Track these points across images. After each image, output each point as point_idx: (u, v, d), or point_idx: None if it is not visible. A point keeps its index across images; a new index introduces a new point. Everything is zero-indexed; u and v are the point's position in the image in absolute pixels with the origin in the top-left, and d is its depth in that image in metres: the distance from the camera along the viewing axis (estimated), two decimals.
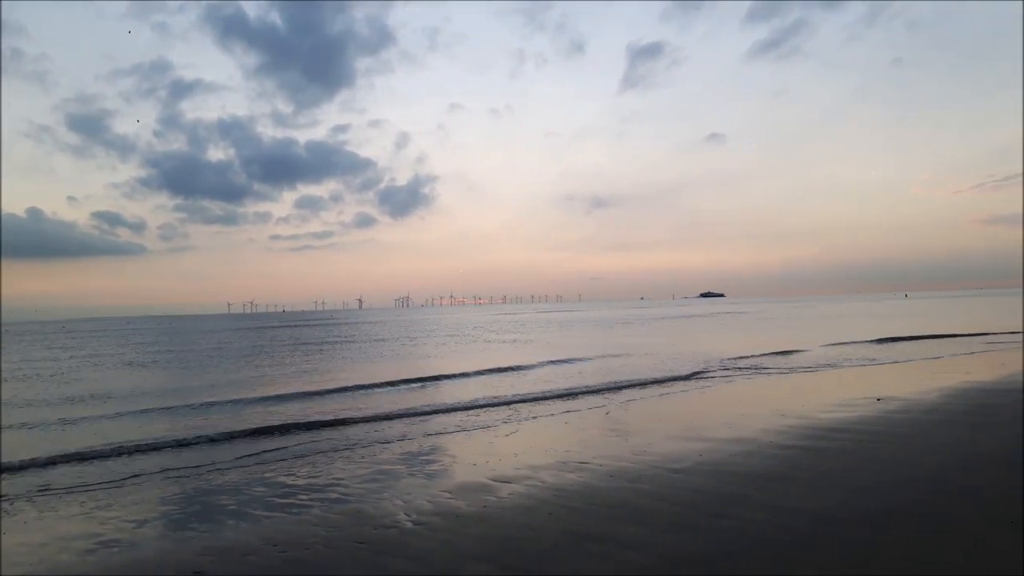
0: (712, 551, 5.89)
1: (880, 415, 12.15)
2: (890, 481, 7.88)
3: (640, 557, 5.83)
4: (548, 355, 30.19)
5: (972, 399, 13.46)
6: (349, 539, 6.77)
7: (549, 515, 7.19)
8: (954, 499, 7.05)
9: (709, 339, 39.71)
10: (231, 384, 22.83)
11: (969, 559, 5.42)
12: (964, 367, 19.71)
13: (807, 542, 5.99)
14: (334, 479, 9.39)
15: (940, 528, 6.16)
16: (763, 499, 7.40)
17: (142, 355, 41.14)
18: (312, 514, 7.75)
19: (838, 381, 18.42)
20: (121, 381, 25.66)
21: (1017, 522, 5.97)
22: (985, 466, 8.31)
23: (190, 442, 12.65)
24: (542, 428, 12.82)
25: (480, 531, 6.78)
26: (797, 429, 11.21)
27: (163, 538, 7.26)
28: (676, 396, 16.55)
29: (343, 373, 25.53)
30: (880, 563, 5.43)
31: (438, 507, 7.70)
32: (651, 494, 7.82)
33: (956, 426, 10.92)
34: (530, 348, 36.42)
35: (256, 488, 9.15)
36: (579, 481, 8.56)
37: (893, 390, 15.23)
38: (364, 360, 31.90)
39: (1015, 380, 15.97)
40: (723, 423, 12.16)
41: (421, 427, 13.41)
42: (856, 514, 6.70)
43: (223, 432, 13.37)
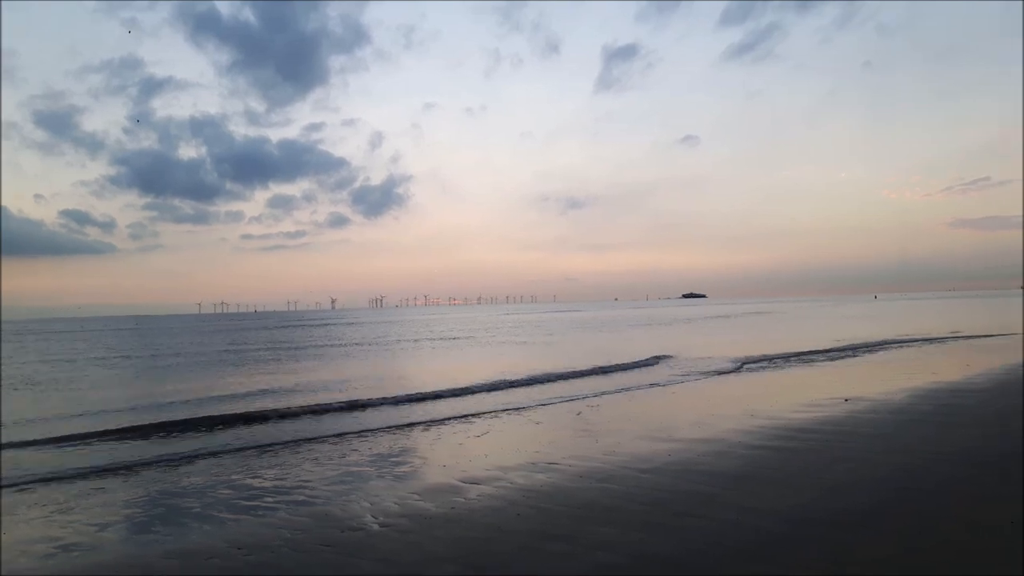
0: (680, 551, 5.89)
1: (848, 415, 12.27)
2: (858, 481, 7.95)
3: (608, 557, 5.82)
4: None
5: (939, 399, 13.63)
6: (315, 541, 6.68)
7: (518, 516, 7.16)
8: (921, 499, 7.12)
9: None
10: (172, 402, 22.51)
11: (936, 558, 5.48)
12: (931, 368, 19.99)
13: (775, 541, 6.01)
14: (301, 481, 9.28)
15: (907, 528, 6.22)
16: (731, 499, 7.42)
17: (96, 357, 40.47)
18: (278, 516, 7.65)
19: (807, 381, 18.61)
20: (80, 383, 25.22)
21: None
22: (952, 466, 8.41)
23: (151, 441, 12.44)
24: (513, 429, 12.79)
25: (448, 532, 6.73)
26: (766, 429, 11.28)
27: (125, 541, 7.12)
28: (647, 396, 16.61)
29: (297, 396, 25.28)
30: (848, 563, 5.46)
31: (406, 509, 7.64)
32: (620, 494, 7.82)
33: (923, 426, 11.05)
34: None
35: (221, 490, 9.01)
36: (548, 482, 8.54)
37: (861, 390, 15.40)
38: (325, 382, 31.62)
39: (980, 380, 16.22)
40: (693, 423, 12.21)
41: (389, 429, 13.32)
42: (824, 514, 6.74)
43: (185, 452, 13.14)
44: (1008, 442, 9.51)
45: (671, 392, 17.31)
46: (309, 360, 33.00)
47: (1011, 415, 11.57)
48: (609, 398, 16.47)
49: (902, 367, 20.99)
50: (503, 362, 28.82)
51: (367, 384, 21.60)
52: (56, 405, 18.60)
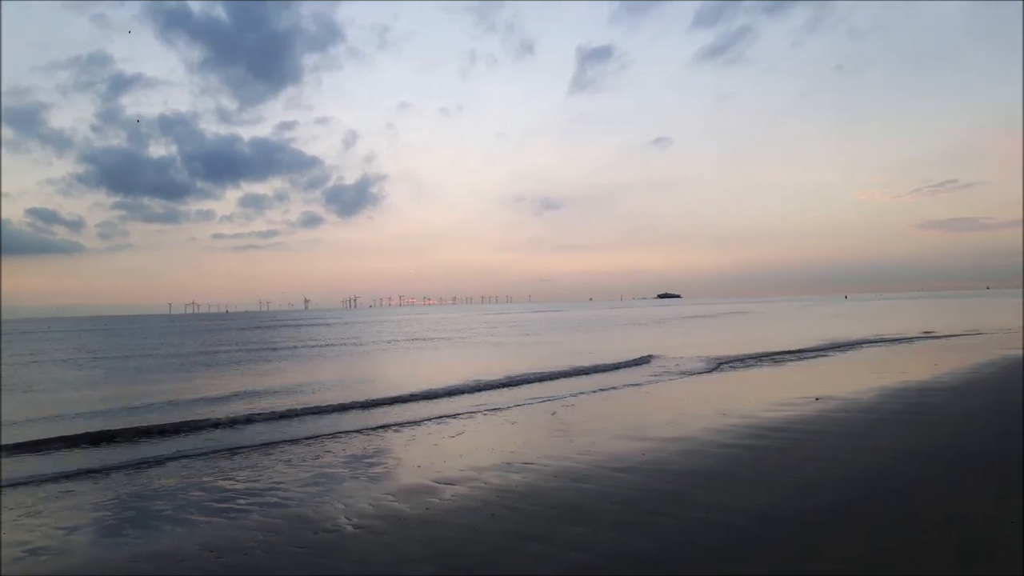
0: (653, 549, 5.93)
1: (818, 414, 12.42)
2: (827, 479, 8.05)
3: (581, 556, 5.85)
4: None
5: (907, 398, 13.84)
6: (288, 543, 6.64)
7: (492, 516, 7.17)
8: (889, 497, 7.23)
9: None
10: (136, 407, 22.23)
11: (903, 556, 5.56)
12: (900, 367, 20.29)
13: (746, 540, 6.07)
14: (274, 483, 9.21)
15: (875, 526, 6.31)
16: (704, 497, 7.49)
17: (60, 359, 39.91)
18: (251, 518, 7.59)
19: (779, 381, 18.82)
20: (46, 385, 24.85)
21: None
22: (920, 464, 8.54)
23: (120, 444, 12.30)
24: (488, 429, 12.79)
25: (422, 533, 6.72)
26: (738, 428, 11.39)
27: (94, 545, 7.03)
28: (622, 396, 16.70)
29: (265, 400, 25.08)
30: (817, 561, 5.53)
31: (380, 510, 7.62)
32: (594, 493, 7.86)
33: (892, 425, 11.21)
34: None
35: (193, 492, 8.92)
36: (523, 482, 8.56)
37: (831, 389, 15.60)
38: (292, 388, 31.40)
39: (947, 380, 16.49)
40: (667, 422, 12.30)
41: (365, 426, 13.26)
42: (794, 512, 6.82)
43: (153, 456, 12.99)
44: (975, 441, 9.69)
45: (646, 392, 17.42)
46: (281, 362, 32.78)
47: (978, 414, 11.79)
48: (585, 398, 16.54)
49: (872, 366, 21.30)
50: (479, 363, 28.89)
51: (341, 386, 21.52)
52: (22, 408, 18.30)
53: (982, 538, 5.85)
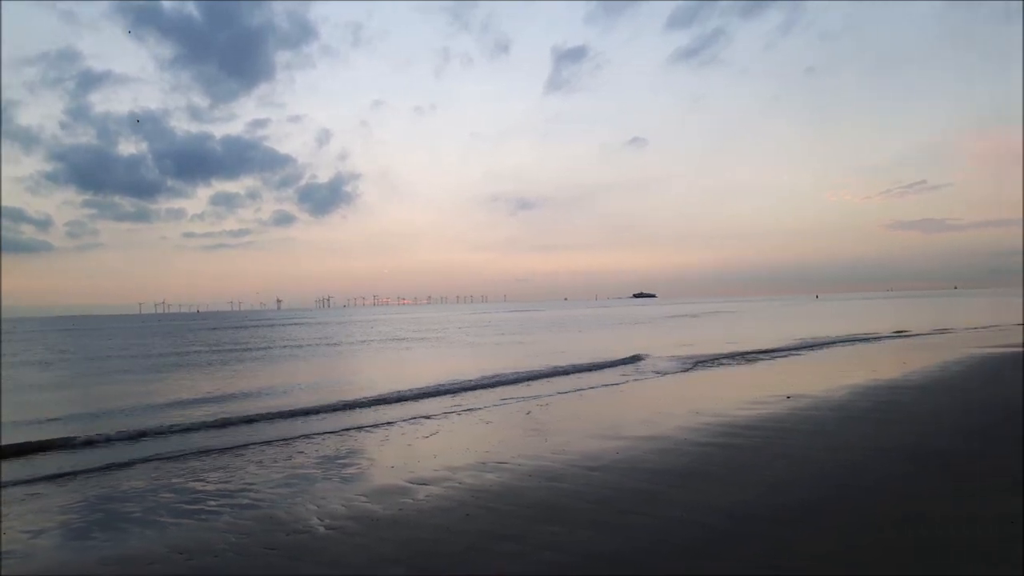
0: (627, 548, 5.94)
1: (790, 412, 12.53)
2: (799, 477, 8.12)
3: (556, 556, 5.84)
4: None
5: (877, 396, 14.00)
6: (260, 545, 6.57)
7: (466, 516, 7.14)
8: (859, 495, 7.30)
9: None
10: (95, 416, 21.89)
11: (872, 553, 5.62)
12: (871, 365, 20.55)
13: (719, 538, 6.10)
14: (245, 484, 9.11)
15: (845, 523, 6.37)
16: (678, 496, 7.52)
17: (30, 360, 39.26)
18: (222, 520, 7.49)
19: (751, 379, 18.99)
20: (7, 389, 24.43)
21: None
22: (889, 462, 8.63)
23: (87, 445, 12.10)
24: (463, 429, 12.75)
25: (395, 534, 6.68)
26: (712, 426, 11.46)
27: (61, 548, 6.90)
28: (597, 395, 16.74)
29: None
30: (788, 558, 5.57)
31: (353, 511, 7.56)
32: (569, 493, 7.86)
33: (863, 422, 11.34)
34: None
35: (163, 494, 8.80)
36: (498, 481, 8.54)
37: (803, 388, 15.75)
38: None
39: (916, 378, 16.71)
40: (641, 421, 12.35)
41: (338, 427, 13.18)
42: (766, 510, 6.87)
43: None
44: (943, 439, 9.81)
45: (621, 391, 17.50)
46: (253, 363, 32.50)
47: (945, 412, 11.96)
48: (560, 397, 16.56)
49: (842, 365, 21.57)
50: (455, 363, 28.87)
51: (313, 388, 21.42)
52: None
53: (940, 536, 5.92)
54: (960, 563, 5.31)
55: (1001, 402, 12.58)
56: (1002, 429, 10.22)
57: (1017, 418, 10.98)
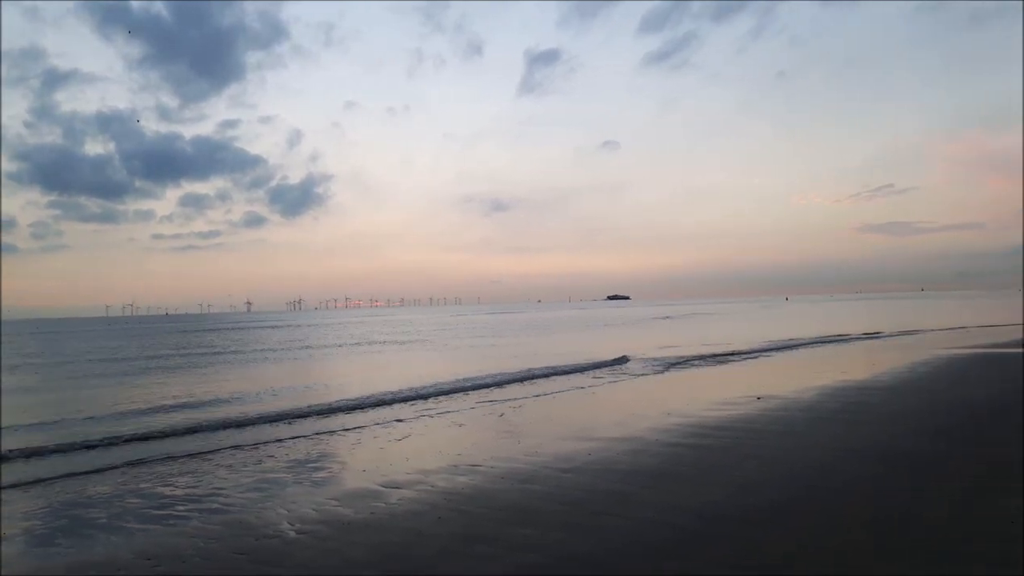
0: (599, 549, 5.95)
1: (760, 413, 12.64)
2: (770, 478, 8.19)
3: (529, 557, 5.84)
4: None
5: (847, 397, 14.17)
6: (229, 550, 6.49)
7: (439, 519, 7.11)
8: (828, 496, 7.38)
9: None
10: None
11: (840, 554, 5.68)
12: (840, 367, 20.81)
13: (689, 539, 6.13)
14: (215, 489, 9.00)
15: (814, 524, 6.44)
16: (649, 497, 7.55)
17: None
18: (190, 525, 7.40)
19: (722, 380, 19.14)
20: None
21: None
22: (858, 462, 8.74)
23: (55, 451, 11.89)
24: (435, 432, 12.71)
25: (367, 538, 6.63)
26: (683, 427, 11.52)
27: (24, 555, 6.78)
28: (570, 397, 16.78)
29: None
30: (760, 558, 5.61)
31: (324, 515, 7.49)
32: (541, 495, 7.86)
33: (832, 423, 11.46)
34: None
35: (130, 500, 8.66)
36: (470, 484, 8.52)
37: (773, 389, 15.91)
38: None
39: (885, 379, 16.94)
40: (613, 423, 12.38)
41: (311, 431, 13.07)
42: (736, 510, 6.92)
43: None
44: (910, 440, 9.94)
45: (594, 393, 17.53)
46: (223, 366, 32.16)
47: (913, 413, 12.11)
48: (533, 400, 16.56)
49: (812, 366, 21.83)
50: (429, 367, 28.80)
51: (284, 392, 21.21)
52: None
53: (906, 536, 6.01)
54: (925, 563, 5.38)
55: (967, 403, 12.78)
56: (967, 430, 10.39)
57: (982, 419, 11.19)
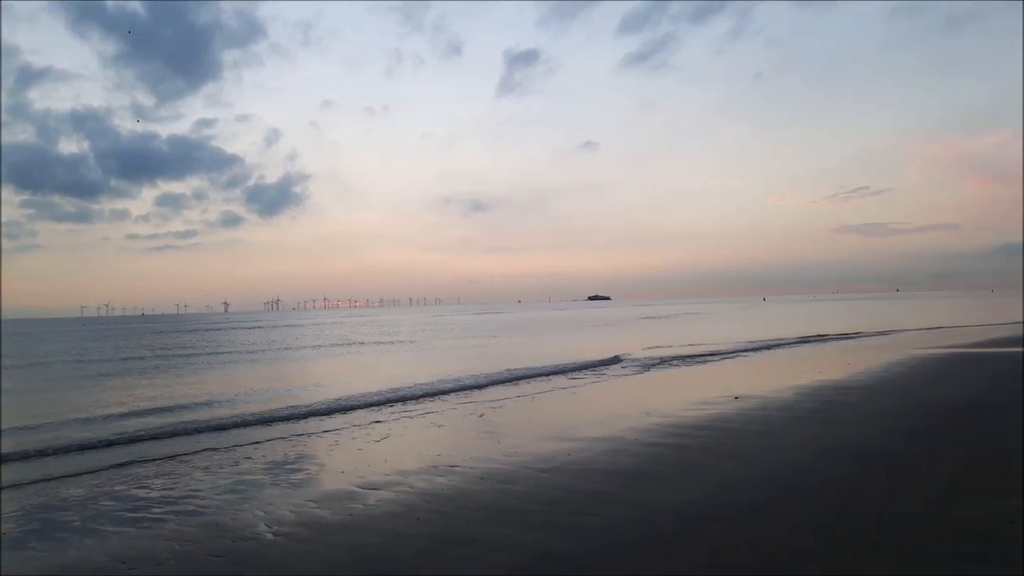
0: (577, 549, 5.96)
1: (738, 413, 12.72)
2: (748, 477, 8.24)
3: (507, 558, 5.84)
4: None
5: (824, 397, 14.28)
6: (205, 552, 6.43)
7: (417, 520, 7.08)
8: (804, 495, 7.43)
9: None
10: None
11: (816, 552, 5.73)
12: (817, 366, 20.98)
13: (668, 538, 6.16)
14: (191, 491, 8.91)
15: (792, 523, 6.48)
16: (628, 496, 7.57)
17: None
18: (166, 528, 7.32)
19: (701, 380, 19.25)
20: None
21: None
22: (835, 461, 8.81)
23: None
24: (414, 433, 12.66)
25: (345, 540, 6.59)
26: (662, 427, 11.57)
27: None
28: (549, 397, 16.79)
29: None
30: (738, 557, 5.65)
31: (302, 517, 7.44)
32: (521, 495, 7.86)
33: (809, 423, 11.55)
34: None
35: (104, 502, 8.55)
36: (449, 485, 8.50)
37: (751, 388, 16.01)
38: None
39: (861, 379, 17.10)
40: (593, 422, 12.41)
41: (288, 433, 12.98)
42: (716, 509, 6.95)
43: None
44: (886, 440, 10.03)
45: (573, 392, 17.57)
46: (199, 368, 31.89)
47: (889, 413, 12.23)
48: (513, 400, 16.54)
49: (790, 366, 22.02)
50: (409, 368, 28.72)
51: (262, 393, 21.08)
52: None
53: (883, 535, 6.07)
54: (901, 562, 5.44)
55: (941, 403, 12.91)
56: (941, 430, 10.50)
57: (957, 418, 11.33)
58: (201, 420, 15.03)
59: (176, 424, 14.57)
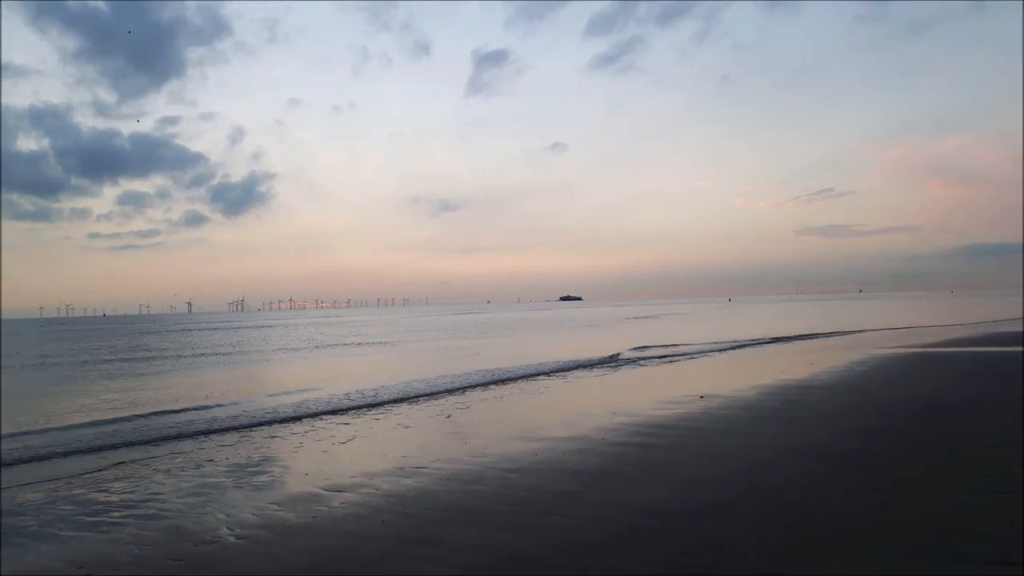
0: (544, 548, 5.97)
1: (703, 412, 12.83)
2: (712, 475, 8.31)
3: (472, 558, 5.82)
4: None
5: (787, 396, 14.46)
6: (165, 556, 6.33)
7: (383, 522, 7.04)
8: (767, 493, 7.52)
9: None
10: None
11: (781, 550, 5.80)
12: (780, 366, 21.24)
13: (634, 536, 6.19)
14: (151, 494, 8.75)
15: (755, 520, 6.56)
16: (594, 495, 7.60)
17: None
18: (125, 532, 7.19)
19: (666, 379, 19.39)
20: None
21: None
22: (797, 460, 8.92)
23: None
24: (381, 434, 12.59)
25: (309, 542, 6.53)
26: (628, 426, 11.63)
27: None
28: (516, 397, 16.79)
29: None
30: (703, 553, 5.70)
31: (265, 520, 7.35)
32: (487, 495, 7.85)
33: (771, 422, 11.68)
34: None
35: (62, 507, 8.37)
36: (415, 486, 8.46)
37: (716, 388, 16.16)
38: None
39: (824, 378, 17.34)
40: (560, 422, 12.44)
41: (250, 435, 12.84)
42: (680, 507, 7.01)
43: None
44: (845, 439, 10.16)
45: (539, 392, 17.59)
46: (162, 370, 31.45)
47: (849, 413, 12.41)
48: (479, 400, 16.53)
49: (754, 365, 22.25)
50: (374, 370, 28.57)
51: (224, 395, 20.85)
52: None
53: (842, 532, 6.17)
54: (863, 560, 5.53)
55: (900, 403, 13.13)
56: (900, 430, 10.66)
57: (914, 418, 11.54)
58: (163, 424, 14.80)
59: (137, 428, 14.34)
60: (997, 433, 9.91)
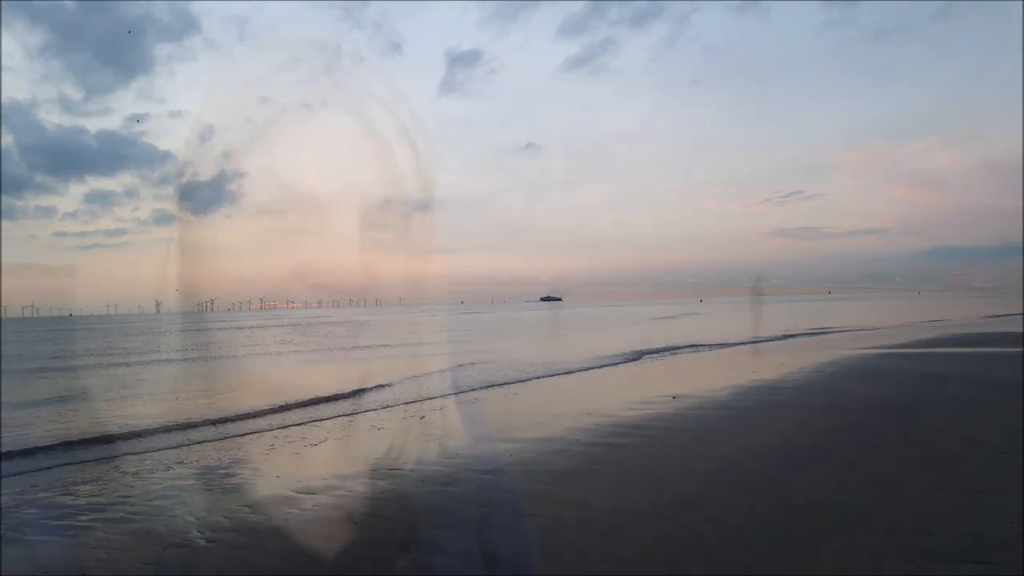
0: (516, 550, 5.98)
1: (676, 412, 12.89)
2: (683, 474, 8.37)
3: (443, 560, 5.81)
4: None
5: (758, 396, 14.59)
6: (134, 560, 6.24)
7: (356, 524, 7.00)
8: (742, 491, 7.59)
9: None
10: None
11: (754, 548, 5.85)
12: (752, 366, 21.42)
13: (608, 536, 6.21)
14: (120, 497, 8.61)
15: (732, 518, 6.61)
16: (567, 496, 7.61)
17: None
18: (93, 536, 7.06)
19: (640, 379, 19.50)
20: None
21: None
22: (766, 459, 9.01)
23: None
24: (355, 435, 12.53)
25: (280, 545, 6.47)
26: (602, 427, 11.65)
27: None
28: (491, 398, 16.77)
29: None
30: (677, 553, 5.73)
31: (236, 522, 7.27)
32: (461, 497, 7.83)
33: (743, 421, 11.79)
34: None
35: (27, 510, 8.21)
36: (389, 488, 8.41)
37: (688, 388, 16.24)
38: None
39: (794, 378, 17.54)
40: (534, 423, 12.43)
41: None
42: (652, 507, 7.04)
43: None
44: (815, 438, 10.31)
45: (515, 393, 17.58)
46: (132, 371, 31.05)
47: (819, 412, 12.56)
48: (454, 402, 16.49)
49: (726, 366, 22.44)
50: (349, 372, 28.44)
51: (196, 398, 20.64)
52: None
53: (813, 529, 6.24)
54: (837, 556, 5.60)
55: (868, 401, 13.32)
56: (870, 429, 10.82)
57: (884, 417, 11.72)
58: (132, 424, 14.59)
59: (106, 430, 14.12)
60: (966, 433, 10.09)
